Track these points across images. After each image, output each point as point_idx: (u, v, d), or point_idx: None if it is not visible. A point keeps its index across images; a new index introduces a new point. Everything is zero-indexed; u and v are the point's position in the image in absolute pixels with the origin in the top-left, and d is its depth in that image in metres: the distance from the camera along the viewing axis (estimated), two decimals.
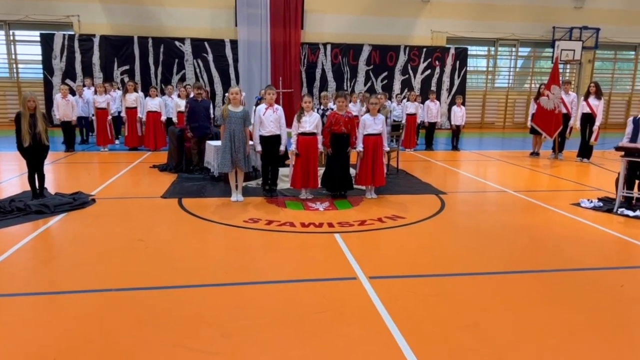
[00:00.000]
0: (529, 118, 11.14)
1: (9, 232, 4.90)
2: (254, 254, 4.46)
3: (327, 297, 3.50)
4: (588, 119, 10.12)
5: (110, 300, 3.41)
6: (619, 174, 6.22)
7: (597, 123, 9.93)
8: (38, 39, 15.66)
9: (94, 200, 6.24)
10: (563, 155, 10.76)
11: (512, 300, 3.53)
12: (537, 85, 19.56)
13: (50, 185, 6.84)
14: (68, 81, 15.19)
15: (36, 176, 6.17)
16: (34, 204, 5.74)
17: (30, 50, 16.33)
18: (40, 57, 15.77)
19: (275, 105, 6.40)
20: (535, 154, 11.13)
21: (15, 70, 16.45)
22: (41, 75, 15.86)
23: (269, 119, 6.30)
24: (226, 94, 7.60)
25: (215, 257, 4.33)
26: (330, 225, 5.32)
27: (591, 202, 6.42)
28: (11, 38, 16.16)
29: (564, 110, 10.28)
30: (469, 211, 6.23)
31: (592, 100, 10.05)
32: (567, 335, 3.04)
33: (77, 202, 6.04)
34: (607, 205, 6.31)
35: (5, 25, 15.93)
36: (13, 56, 16.34)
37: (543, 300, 3.54)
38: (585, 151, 10.36)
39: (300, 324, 3.10)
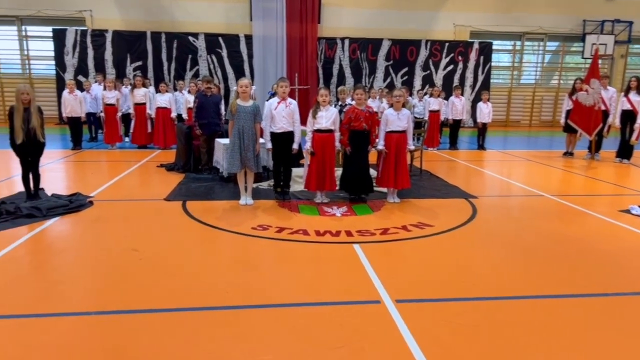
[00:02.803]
0: (563, 115, 10.34)
1: None
2: (260, 269, 3.88)
3: (345, 326, 2.90)
4: (628, 117, 9.28)
5: (88, 327, 2.87)
6: None
7: (639, 121, 9.10)
8: (50, 34, 15.36)
9: (91, 203, 5.75)
10: (600, 156, 9.95)
11: (572, 332, 2.88)
12: (565, 82, 18.72)
13: (51, 185, 6.39)
14: (80, 77, 14.84)
15: (31, 176, 5.74)
16: (25, 207, 5.26)
17: (42, 46, 16.05)
18: (52, 53, 15.46)
19: (289, 99, 5.82)
20: (569, 153, 10.33)
21: (27, 67, 16.21)
22: (54, 72, 15.56)
23: (280, 113, 5.72)
24: (234, 88, 7.05)
25: (217, 272, 3.76)
26: (349, 233, 4.71)
27: None
28: (23, 34, 15.90)
29: (603, 107, 9.47)
30: (504, 218, 5.55)
31: (632, 96, 9.22)
32: None
33: (73, 204, 5.56)
34: None
35: (17, 20, 15.67)
36: (25, 52, 16.07)
37: (610, 332, 2.88)
38: (625, 151, 9.54)
39: None
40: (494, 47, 17.53)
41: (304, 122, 6.05)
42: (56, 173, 7.72)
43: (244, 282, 3.55)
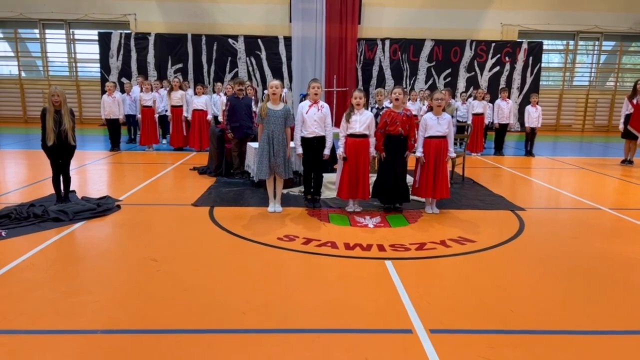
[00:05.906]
0: (621, 120, 9.54)
1: (14, 243, 4.34)
2: (282, 287, 3.57)
3: None
4: None
5: (93, 348, 2.66)
6: None
7: None
8: (96, 37, 15.75)
9: (119, 207, 5.65)
10: None
11: None
12: (622, 84, 17.49)
13: (85, 186, 6.34)
14: (123, 79, 15.13)
15: (61, 178, 5.71)
16: (52, 210, 5.19)
17: (88, 49, 16.50)
18: (98, 56, 15.84)
19: (321, 102, 5.51)
20: (628, 161, 9.49)
21: (74, 69, 16.70)
22: (99, 74, 15.95)
23: (312, 117, 5.41)
24: (265, 91, 6.81)
25: (236, 289, 3.49)
26: (381, 248, 4.34)
27: None
28: (71, 37, 16.41)
29: None
30: (556, 235, 4.97)
31: None
32: None
33: (100, 208, 5.46)
34: None
35: (65, 24, 16.19)
36: (73, 55, 16.59)
37: None
38: None
39: None
40: (544, 47, 16.60)
41: (339, 124, 5.73)
42: (91, 174, 7.74)
43: (263, 301, 3.25)
